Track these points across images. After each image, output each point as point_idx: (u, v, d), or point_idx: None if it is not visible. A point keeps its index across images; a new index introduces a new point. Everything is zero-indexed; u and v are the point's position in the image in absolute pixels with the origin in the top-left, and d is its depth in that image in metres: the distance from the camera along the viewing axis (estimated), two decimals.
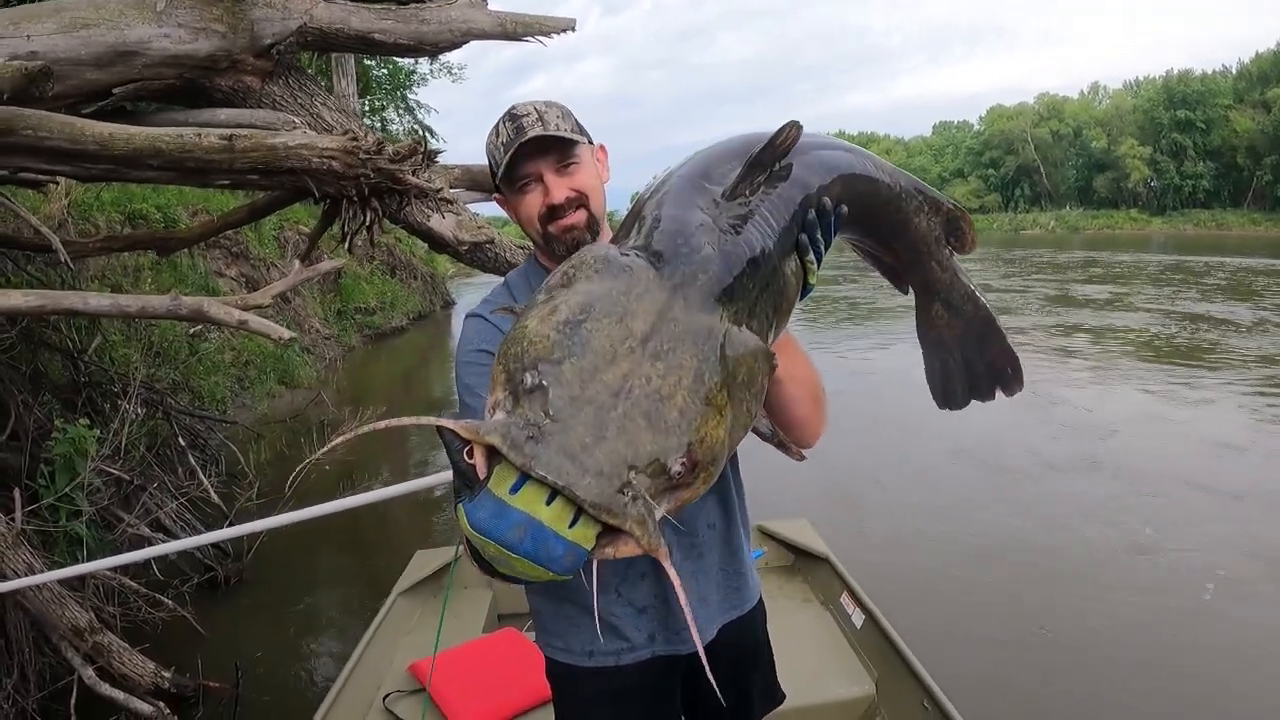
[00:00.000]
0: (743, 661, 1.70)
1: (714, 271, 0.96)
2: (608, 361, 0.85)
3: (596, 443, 0.81)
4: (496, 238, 4.38)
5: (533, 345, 0.86)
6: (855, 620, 3.26)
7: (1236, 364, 10.37)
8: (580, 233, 1.48)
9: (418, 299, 20.04)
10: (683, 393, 0.86)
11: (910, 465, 6.52)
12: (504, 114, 1.49)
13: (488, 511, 0.83)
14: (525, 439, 0.81)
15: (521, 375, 0.85)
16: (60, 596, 3.29)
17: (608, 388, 0.84)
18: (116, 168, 2.89)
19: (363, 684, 3.06)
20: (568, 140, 1.45)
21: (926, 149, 79.06)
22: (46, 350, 5.37)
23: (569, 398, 0.83)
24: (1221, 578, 4.60)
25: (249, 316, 2.90)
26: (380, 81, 23.33)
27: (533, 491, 0.81)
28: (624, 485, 0.82)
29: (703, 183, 1.09)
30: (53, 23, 3.28)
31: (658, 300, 0.91)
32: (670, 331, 0.89)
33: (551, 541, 0.82)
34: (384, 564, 4.91)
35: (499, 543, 0.83)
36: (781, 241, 1.08)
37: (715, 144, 1.25)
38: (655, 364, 0.86)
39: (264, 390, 9.37)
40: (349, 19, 3.71)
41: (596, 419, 0.82)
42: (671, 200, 1.06)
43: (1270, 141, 53.42)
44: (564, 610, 1.57)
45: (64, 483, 3.88)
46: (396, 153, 2.87)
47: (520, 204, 1.49)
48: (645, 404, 0.84)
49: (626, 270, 0.94)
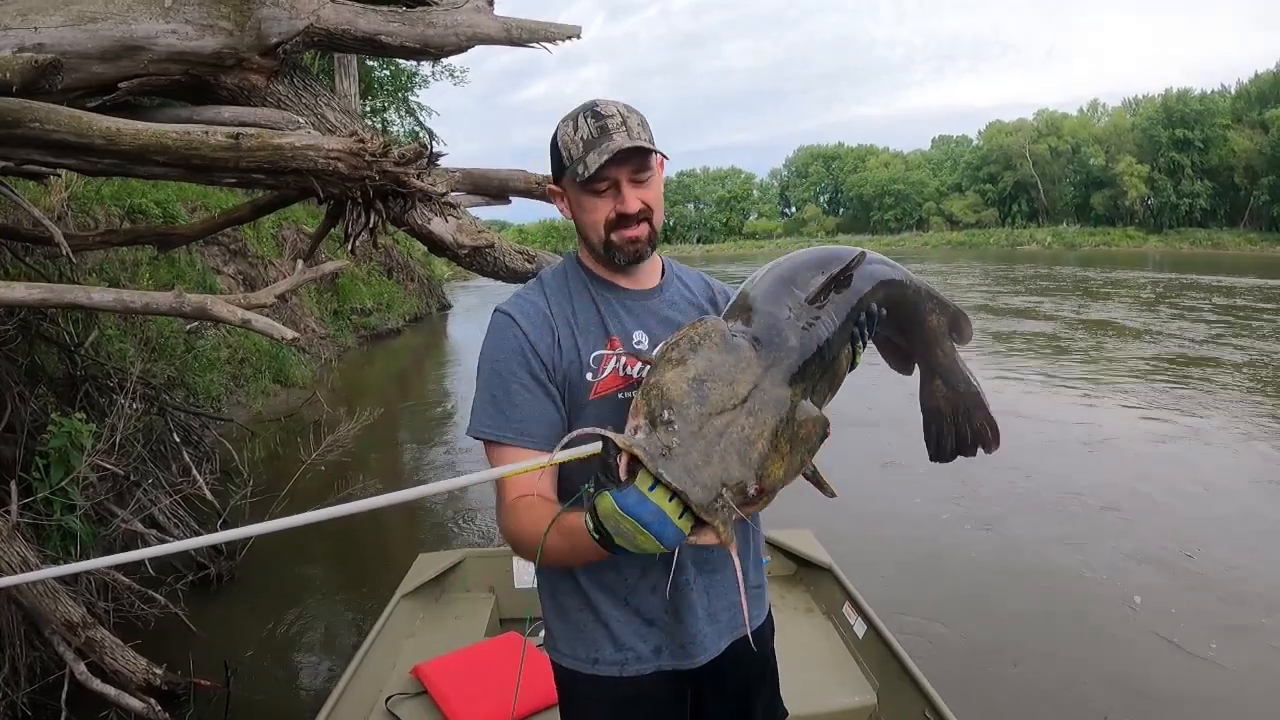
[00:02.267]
0: (749, 677, 1.71)
1: (793, 359, 1.32)
2: (717, 412, 1.21)
3: (704, 465, 1.16)
4: (496, 242, 4.39)
5: (668, 392, 1.22)
6: (857, 630, 3.26)
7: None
8: (642, 246, 1.52)
9: (414, 301, 20.07)
10: (762, 441, 1.22)
11: (912, 479, 6.52)
12: (585, 108, 1.49)
13: (634, 499, 1.15)
14: (659, 455, 1.16)
15: (660, 411, 1.20)
16: (53, 591, 3.28)
17: (715, 429, 1.20)
18: (122, 162, 2.89)
19: (365, 685, 3.06)
20: (647, 150, 1.46)
21: (925, 162, 79.13)
22: (43, 343, 5.36)
23: (690, 432, 1.18)
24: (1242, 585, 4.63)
25: (252, 315, 2.89)
26: (382, 83, 23.34)
27: (661, 491, 1.15)
28: (718, 496, 1.16)
29: (791, 287, 1.44)
30: (60, 16, 3.29)
31: (755, 374, 1.27)
32: (760, 398, 1.25)
33: (669, 525, 1.14)
34: (377, 565, 4.92)
35: (638, 520, 1.14)
36: (839, 335, 1.44)
37: (801, 254, 1.55)
38: (748, 418, 1.23)
39: (259, 388, 9.37)
40: (356, 20, 3.72)
41: (706, 449, 1.18)
42: (768, 298, 1.41)
43: (1268, 162, 53.62)
44: (572, 617, 1.58)
45: (59, 477, 3.87)
46: (402, 155, 2.88)
47: (590, 205, 1.49)
48: (738, 444, 1.20)
49: (736, 349, 1.30)
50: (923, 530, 5.69)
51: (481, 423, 1.50)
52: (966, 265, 39.74)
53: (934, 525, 5.77)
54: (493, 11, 4.07)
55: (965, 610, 4.49)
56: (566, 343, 1.52)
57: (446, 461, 7.94)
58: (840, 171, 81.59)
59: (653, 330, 1.57)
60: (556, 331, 1.52)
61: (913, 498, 6.17)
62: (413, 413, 10.62)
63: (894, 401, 6.94)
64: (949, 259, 47.98)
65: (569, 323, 1.54)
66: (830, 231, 79.88)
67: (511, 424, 1.48)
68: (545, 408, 1.50)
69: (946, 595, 4.69)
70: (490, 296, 24.66)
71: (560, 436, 1.43)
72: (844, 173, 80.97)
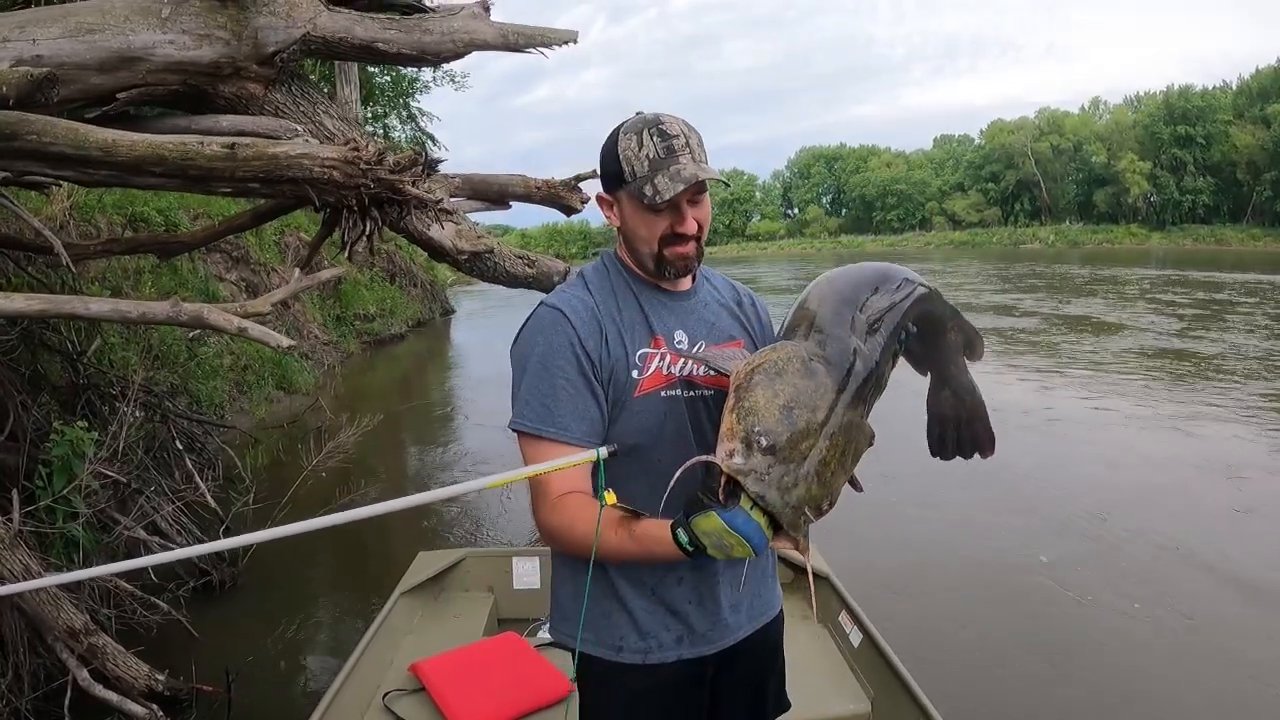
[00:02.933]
0: (763, 666, 1.77)
1: (860, 381, 1.44)
2: (803, 437, 1.33)
3: (793, 487, 1.30)
4: (496, 247, 4.41)
5: (762, 418, 1.33)
6: (853, 639, 3.25)
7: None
8: (690, 261, 1.60)
9: (417, 306, 20.09)
10: (835, 462, 1.36)
11: (912, 485, 6.52)
12: (648, 122, 1.54)
13: (741, 519, 1.27)
14: (759, 479, 1.29)
15: (756, 438, 1.31)
16: (56, 598, 3.31)
17: (800, 454, 1.32)
18: (119, 174, 2.90)
19: (363, 682, 3.07)
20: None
21: (927, 162, 79.03)
22: (46, 352, 5.39)
23: (781, 458, 1.31)
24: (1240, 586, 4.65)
25: (248, 324, 2.91)
26: (383, 89, 23.39)
27: (759, 510, 1.28)
28: (801, 514, 1.30)
29: (854, 309, 1.54)
30: (58, 27, 3.30)
31: (830, 399, 1.38)
32: (836, 421, 1.37)
33: (764, 538, 1.28)
34: (380, 569, 4.92)
35: (742, 534, 1.27)
36: (885, 353, 1.54)
37: (855, 272, 1.65)
38: (826, 442, 1.35)
39: (262, 395, 9.39)
40: (353, 28, 3.74)
41: (795, 472, 1.31)
42: (835, 321, 1.51)
43: (1270, 157, 53.52)
44: (600, 605, 1.61)
45: (61, 485, 3.89)
46: (397, 163, 2.89)
47: (648, 221, 1.55)
48: (817, 466, 1.33)
49: (815, 374, 1.40)
50: (917, 536, 5.71)
51: (525, 417, 1.53)
52: (964, 265, 39.76)
53: (929, 532, 5.80)
54: (489, 18, 4.08)
55: (957, 615, 4.52)
56: (614, 340, 1.56)
57: (449, 466, 7.93)
58: (842, 172, 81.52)
59: (692, 330, 1.63)
60: (604, 328, 1.56)
61: (907, 506, 6.17)
62: (416, 417, 10.64)
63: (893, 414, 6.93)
64: (951, 259, 48.03)
65: (615, 321, 1.58)
66: (833, 233, 79.90)
67: (556, 420, 1.51)
68: (588, 405, 1.53)
69: (942, 600, 4.70)
70: (493, 301, 24.67)
71: (600, 434, 1.54)
72: (846, 173, 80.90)
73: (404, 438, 9.45)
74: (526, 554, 3.98)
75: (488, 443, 8.09)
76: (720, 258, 67.12)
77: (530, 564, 3.91)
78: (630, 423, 1.55)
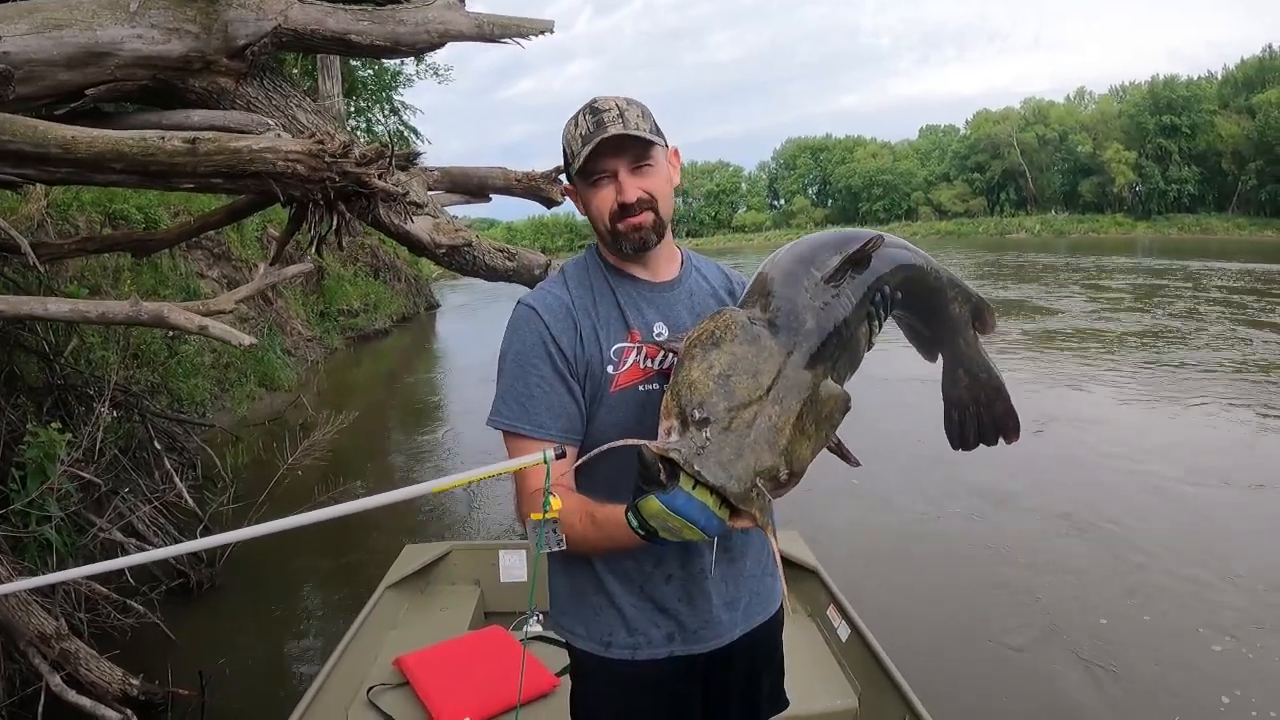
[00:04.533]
0: (758, 664, 1.76)
1: (813, 340, 1.36)
2: (744, 405, 1.26)
3: (737, 459, 1.22)
4: (474, 241, 4.36)
5: (696, 391, 1.27)
6: (841, 633, 3.24)
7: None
8: (646, 233, 1.54)
9: (401, 301, 19.97)
10: (789, 427, 1.27)
11: (901, 479, 6.50)
12: (585, 105, 1.52)
13: (681, 500, 1.21)
14: (695, 456, 1.21)
15: (691, 411, 1.25)
16: (25, 603, 3.26)
17: (744, 422, 1.25)
18: (80, 171, 2.85)
19: (348, 675, 3.06)
20: (645, 140, 1.49)
21: (913, 152, 79.02)
22: (22, 352, 5.31)
23: (720, 429, 1.24)
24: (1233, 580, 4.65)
25: (209, 322, 2.86)
26: (365, 83, 23.22)
27: (702, 488, 1.21)
28: (752, 487, 1.22)
29: (809, 267, 1.46)
30: (25, 23, 3.24)
31: (777, 362, 1.32)
32: (784, 384, 1.30)
33: (712, 518, 1.22)
34: (362, 568, 4.88)
35: (685, 517, 1.21)
36: (856, 315, 1.46)
37: (820, 235, 1.58)
38: (774, 406, 1.28)
39: (244, 393, 9.30)
40: (325, 20, 3.69)
41: (737, 443, 1.23)
42: (785, 280, 1.44)
43: (1255, 146, 53.68)
44: (588, 600, 1.61)
45: (35, 487, 3.83)
46: (363, 156, 2.84)
47: (592, 198, 1.54)
48: (767, 434, 1.25)
49: (756, 338, 1.34)
50: (909, 529, 5.70)
51: (500, 414, 1.54)
52: (949, 254, 39.89)
53: (920, 524, 5.78)
54: (464, 8, 4.03)
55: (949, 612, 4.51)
56: (588, 335, 1.55)
57: (434, 459, 7.89)
58: (828, 163, 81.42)
59: (673, 322, 1.60)
60: (579, 324, 1.55)
61: (896, 497, 6.16)
62: (401, 412, 10.59)
63: (871, 403, 6.93)
64: (936, 249, 48.05)
65: (590, 315, 1.57)
66: (819, 223, 79.74)
67: (530, 416, 1.52)
68: (564, 401, 1.53)
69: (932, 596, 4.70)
70: (479, 295, 24.54)
71: (578, 430, 1.53)
72: (832, 164, 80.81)
73: (388, 432, 9.41)
74: (513, 547, 3.97)
75: (472, 435, 8.03)
76: (706, 249, 66.97)
77: (517, 557, 3.90)
78: (608, 418, 1.54)
